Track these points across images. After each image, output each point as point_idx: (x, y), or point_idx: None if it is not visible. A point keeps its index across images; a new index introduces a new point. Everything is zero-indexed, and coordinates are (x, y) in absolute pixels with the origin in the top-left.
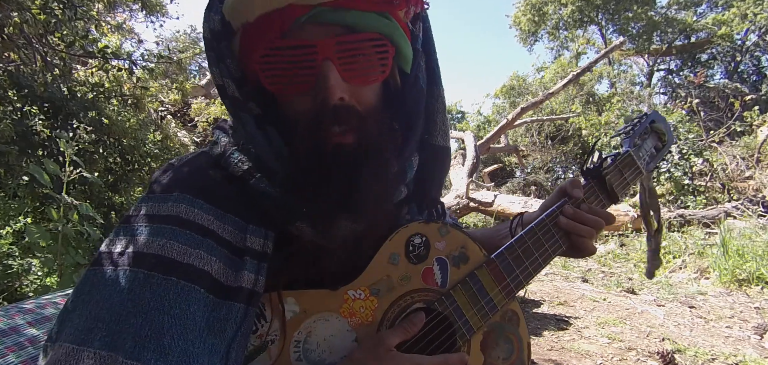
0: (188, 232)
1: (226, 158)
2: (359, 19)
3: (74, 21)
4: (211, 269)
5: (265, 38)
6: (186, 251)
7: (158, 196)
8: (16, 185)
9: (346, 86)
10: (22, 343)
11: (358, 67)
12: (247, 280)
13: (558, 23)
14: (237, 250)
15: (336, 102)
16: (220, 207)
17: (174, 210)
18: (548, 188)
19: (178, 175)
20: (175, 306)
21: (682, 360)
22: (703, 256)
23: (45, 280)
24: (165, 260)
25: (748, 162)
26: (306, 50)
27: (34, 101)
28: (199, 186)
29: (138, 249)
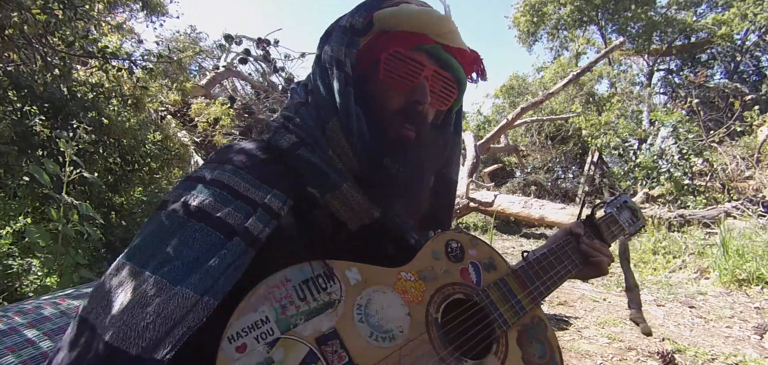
0: (224, 193)
1: (276, 138)
2: (453, 64)
3: (74, 21)
4: (234, 221)
5: (398, 44)
6: (218, 206)
7: (209, 167)
8: (16, 185)
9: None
10: (22, 344)
11: (436, 93)
12: (253, 226)
13: (558, 23)
14: (254, 204)
15: (420, 108)
16: (259, 178)
17: (219, 175)
18: (548, 188)
19: (231, 153)
20: (195, 243)
21: (682, 360)
22: (703, 256)
23: (45, 280)
24: (200, 211)
25: (748, 162)
26: (418, 65)
27: (34, 101)
28: (242, 162)
29: (186, 200)
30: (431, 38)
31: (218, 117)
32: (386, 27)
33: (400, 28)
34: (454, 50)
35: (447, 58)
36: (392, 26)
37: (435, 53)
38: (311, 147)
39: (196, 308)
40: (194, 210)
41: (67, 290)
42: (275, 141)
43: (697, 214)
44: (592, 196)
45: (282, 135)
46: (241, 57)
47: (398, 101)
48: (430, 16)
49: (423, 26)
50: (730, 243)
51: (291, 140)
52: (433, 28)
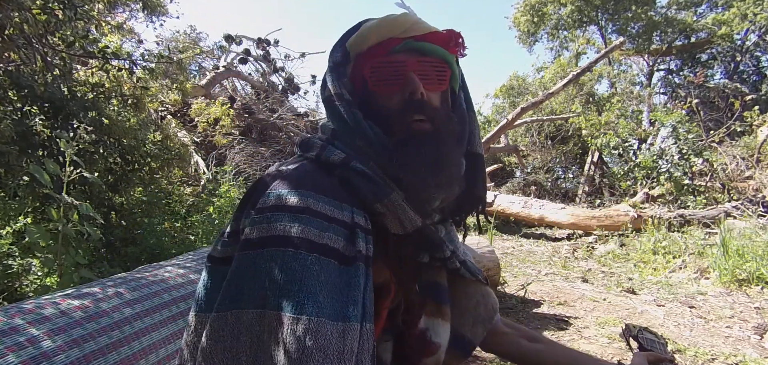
0: (319, 220)
1: (324, 153)
2: (431, 49)
3: (74, 21)
4: (338, 246)
5: (374, 58)
6: (320, 234)
7: (286, 190)
8: (16, 185)
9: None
10: (22, 343)
11: (428, 78)
12: (361, 246)
13: (558, 23)
14: (350, 227)
15: (418, 96)
16: (336, 199)
17: (305, 203)
18: (548, 188)
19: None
20: (321, 274)
21: (682, 360)
22: (703, 256)
23: (45, 280)
24: (306, 240)
25: (748, 162)
26: (400, 64)
27: (34, 101)
28: (317, 185)
29: (284, 233)
30: (399, 38)
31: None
32: (358, 50)
33: (369, 44)
34: (427, 36)
35: (422, 45)
36: (363, 46)
37: (409, 47)
38: (360, 159)
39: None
40: (298, 241)
41: (67, 290)
42: (326, 156)
43: (697, 214)
44: (592, 196)
45: (331, 151)
46: (241, 57)
47: (397, 100)
48: (390, 20)
49: (387, 32)
50: (730, 243)
51: (341, 154)
52: (396, 28)
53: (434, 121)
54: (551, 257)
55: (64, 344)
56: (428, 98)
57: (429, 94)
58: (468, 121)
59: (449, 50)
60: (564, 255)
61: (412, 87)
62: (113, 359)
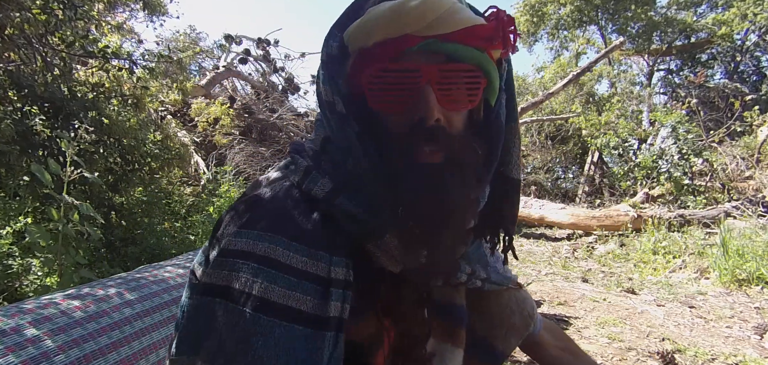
0: (286, 276)
1: (308, 182)
2: (461, 52)
3: (74, 21)
4: (306, 307)
5: (378, 61)
6: (285, 294)
7: (254, 234)
8: (16, 185)
9: (441, 110)
10: (23, 343)
11: (453, 94)
12: (334, 309)
13: (558, 23)
14: (325, 282)
15: (431, 123)
16: (312, 246)
17: (272, 253)
18: (548, 188)
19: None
20: (280, 344)
21: (682, 360)
22: (703, 256)
23: (45, 280)
24: (268, 302)
25: (748, 162)
26: (411, 74)
27: (35, 101)
28: (291, 228)
29: (241, 287)
30: (419, 35)
31: (218, 117)
32: (360, 45)
33: (374, 39)
34: (459, 34)
35: (450, 48)
36: (365, 42)
37: (430, 49)
38: (349, 193)
39: None
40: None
41: (67, 290)
42: (308, 188)
43: (697, 214)
44: (592, 196)
45: (315, 180)
46: (241, 57)
47: (404, 122)
48: (406, 8)
49: (402, 26)
50: (730, 243)
51: (326, 186)
52: (415, 22)
53: (449, 151)
54: (551, 257)
55: (64, 344)
56: (447, 121)
57: (449, 114)
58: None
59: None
60: (564, 255)
61: (424, 111)
62: (113, 359)
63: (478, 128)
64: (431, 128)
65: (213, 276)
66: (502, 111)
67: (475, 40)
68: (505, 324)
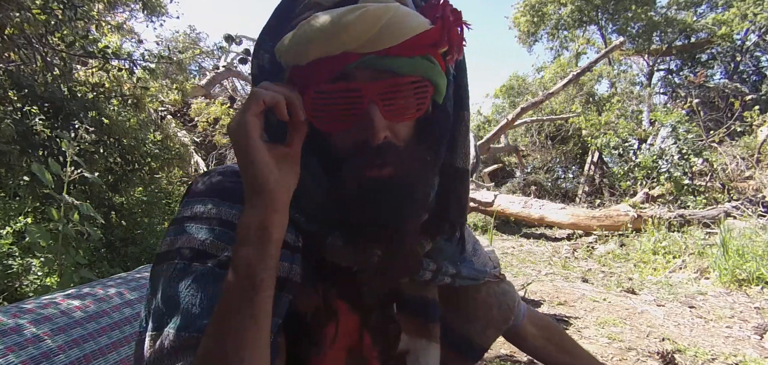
0: (224, 229)
1: None
2: (404, 65)
3: (74, 21)
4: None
5: (315, 81)
6: (222, 246)
7: (196, 199)
8: (16, 185)
9: (387, 124)
10: (23, 343)
11: (398, 107)
12: (279, 268)
13: (558, 23)
14: None
15: (377, 142)
16: None
17: (211, 212)
18: (548, 188)
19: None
20: (208, 285)
21: (682, 360)
22: (703, 256)
23: (45, 280)
24: (208, 254)
25: (748, 162)
26: (353, 94)
27: (35, 101)
28: (235, 192)
29: (179, 246)
30: (357, 52)
31: (218, 117)
32: (292, 62)
33: (309, 57)
34: (401, 47)
35: (393, 64)
36: (299, 59)
37: (370, 65)
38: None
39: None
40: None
41: (67, 290)
42: None
43: (697, 214)
44: (592, 196)
45: None
46: (241, 57)
47: (349, 140)
48: (343, 24)
49: (340, 44)
50: (730, 243)
51: None
52: (353, 40)
53: (398, 165)
54: (551, 257)
55: (64, 344)
56: (394, 133)
57: (396, 127)
58: (448, 132)
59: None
60: (564, 255)
61: (370, 132)
62: (113, 359)
63: (426, 122)
64: (378, 147)
65: (162, 245)
66: (449, 102)
67: (418, 50)
68: (481, 318)
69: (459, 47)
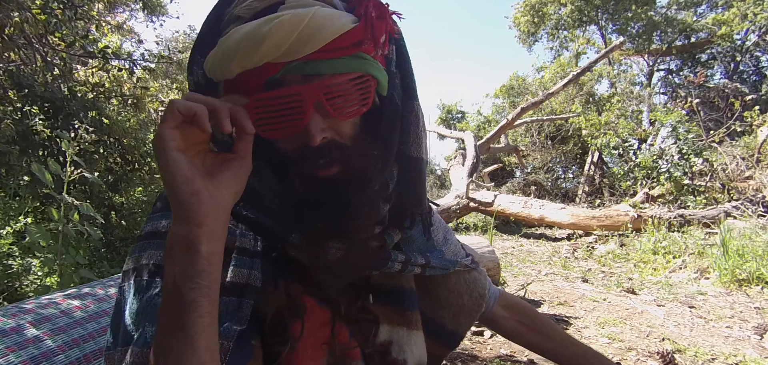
0: None
1: None
2: (335, 66)
3: (74, 21)
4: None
5: (245, 92)
6: None
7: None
8: (16, 185)
9: (326, 125)
10: (23, 343)
11: (341, 105)
12: (236, 275)
13: (558, 23)
14: (228, 251)
15: (318, 143)
16: None
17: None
18: (548, 188)
19: None
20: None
21: (682, 360)
22: (703, 256)
23: (45, 280)
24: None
25: (748, 162)
26: (290, 100)
27: (35, 101)
28: None
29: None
30: (279, 62)
31: None
32: (220, 76)
33: (233, 73)
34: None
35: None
36: (226, 74)
37: (300, 71)
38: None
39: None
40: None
41: (67, 290)
42: None
43: (697, 214)
44: (592, 196)
45: None
46: None
47: (293, 143)
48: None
49: (260, 57)
50: (730, 243)
51: None
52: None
53: (344, 161)
54: (551, 257)
55: (64, 344)
56: (336, 131)
57: (337, 125)
58: (398, 122)
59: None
60: (564, 255)
61: (309, 136)
62: None
63: (374, 118)
64: (320, 148)
65: (126, 264)
66: (397, 93)
67: (344, 51)
68: (453, 306)
69: (385, 42)
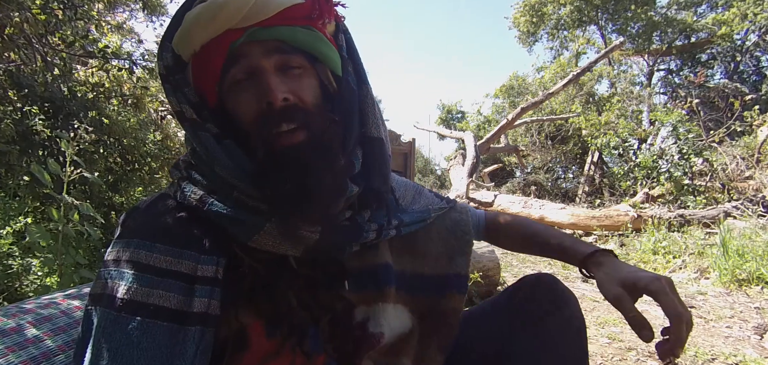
0: (147, 275)
1: (180, 192)
2: (287, 34)
3: (74, 21)
4: (169, 304)
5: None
6: (147, 291)
7: (123, 242)
8: (16, 185)
9: (286, 87)
10: (23, 343)
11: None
12: (198, 305)
13: (558, 23)
14: (189, 279)
15: (279, 104)
16: (176, 245)
17: (135, 256)
18: (548, 188)
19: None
20: (142, 340)
21: (682, 360)
22: (703, 256)
23: (45, 280)
24: (131, 301)
25: (748, 162)
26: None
27: (35, 101)
28: (155, 231)
29: (109, 292)
30: (238, 28)
31: None
32: (190, 52)
33: (200, 43)
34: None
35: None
36: (192, 48)
37: (255, 38)
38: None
39: None
40: (121, 302)
41: (67, 290)
42: (183, 198)
43: (697, 214)
44: (592, 196)
45: (188, 188)
46: None
47: (254, 109)
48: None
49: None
50: (730, 243)
51: (197, 193)
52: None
53: (308, 127)
54: None
55: (64, 344)
56: (298, 97)
57: (298, 91)
58: (356, 103)
59: (315, 24)
60: None
61: (267, 94)
62: None
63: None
64: (282, 108)
65: (93, 287)
66: (351, 79)
67: (297, 21)
68: (444, 252)
69: (329, 15)
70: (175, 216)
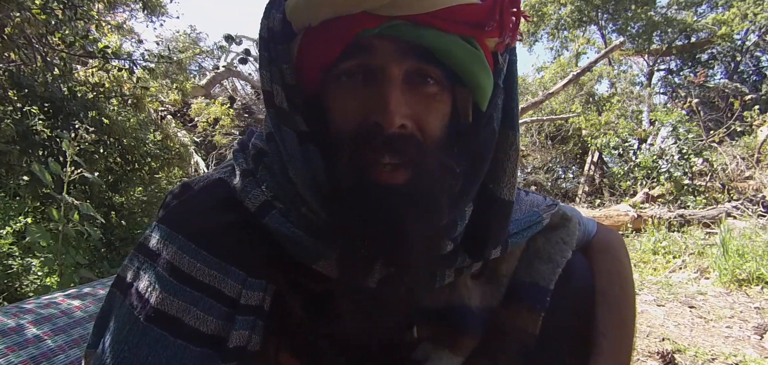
0: (188, 288)
1: (241, 188)
2: (437, 41)
3: (74, 21)
4: (206, 328)
5: (328, 47)
6: (185, 308)
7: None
8: (16, 185)
9: (409, 110)
10: (23, 343)
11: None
12: (236, 339)
13: (558, 23)
14: (232, 303)
15: (394, 129)
16: (223, 259)
17: (177, 259)
18: (548, 188)
19: (189, 209)
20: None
21: (682, 360)
22: (703, 256)
23: (45, 280)
24: (163, 315)
25: (748, 162)
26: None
27: (35, 101)
28: (204, 231)
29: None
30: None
31: (218, 117)
32: (305, 22)
33: (322, 16)
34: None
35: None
36: (311, 18)
37: (398, 33)
38: (285, 207)
39: None
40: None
41: (67, 290)
42: (241, 197)
43: (697, 214)
44: (592, 196)
45: (249, 188)
46: (241, 57)
47: (356, 121)
48: None
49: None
50: (730, 243)
51: (259, 198)
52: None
53: (418, 167)
54: None
55: (64, 344)
56: (419, 127)
57: (422, 118)
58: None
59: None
60: None
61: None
62: None
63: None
64: (391, 136)
65: (124, 268)
66: (496, 115)
67: (459, 27)
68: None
69: (512, 35)
70: (228, 218)
